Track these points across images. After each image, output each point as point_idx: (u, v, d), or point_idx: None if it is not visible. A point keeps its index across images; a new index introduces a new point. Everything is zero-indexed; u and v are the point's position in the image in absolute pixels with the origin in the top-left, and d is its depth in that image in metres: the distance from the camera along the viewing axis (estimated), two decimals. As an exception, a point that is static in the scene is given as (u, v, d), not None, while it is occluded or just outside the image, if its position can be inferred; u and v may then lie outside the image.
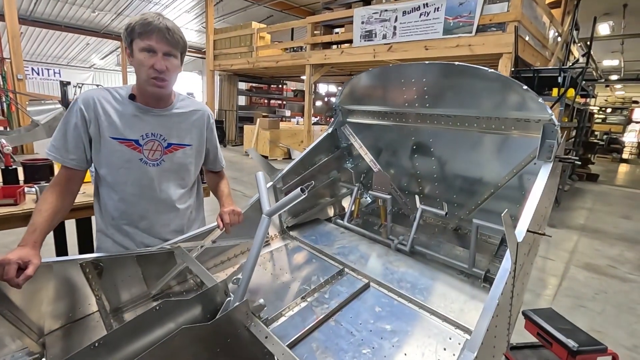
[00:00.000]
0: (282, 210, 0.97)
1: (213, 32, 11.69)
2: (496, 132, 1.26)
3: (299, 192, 0.90)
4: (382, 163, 1.84)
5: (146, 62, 1.18)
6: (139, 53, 1.17)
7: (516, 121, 1.18)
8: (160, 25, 1.17)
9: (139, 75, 1.21)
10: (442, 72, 1.32)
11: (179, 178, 1.40)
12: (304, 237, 1.68)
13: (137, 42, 1.16)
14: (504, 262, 0.85)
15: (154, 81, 1.22)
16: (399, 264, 1.38)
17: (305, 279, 1.39)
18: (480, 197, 1.46)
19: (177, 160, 1.36)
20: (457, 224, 1.59)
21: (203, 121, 1.42)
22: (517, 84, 1.09)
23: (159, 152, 1.31)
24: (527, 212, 0.93)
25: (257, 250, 0.99)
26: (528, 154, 1.23)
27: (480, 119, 1.29)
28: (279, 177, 1.67)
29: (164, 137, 1.31)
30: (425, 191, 1.68)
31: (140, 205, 1.35)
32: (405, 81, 1.45)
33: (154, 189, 1.35)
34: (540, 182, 0.99)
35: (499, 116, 1.22)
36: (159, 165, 1.33)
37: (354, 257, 1.47)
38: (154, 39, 1.18)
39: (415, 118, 1.52)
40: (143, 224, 1.39)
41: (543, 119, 1.11)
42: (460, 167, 1.50)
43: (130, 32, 1.17)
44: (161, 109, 1.30)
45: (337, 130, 1.89)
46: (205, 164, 1.53)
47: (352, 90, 1.70)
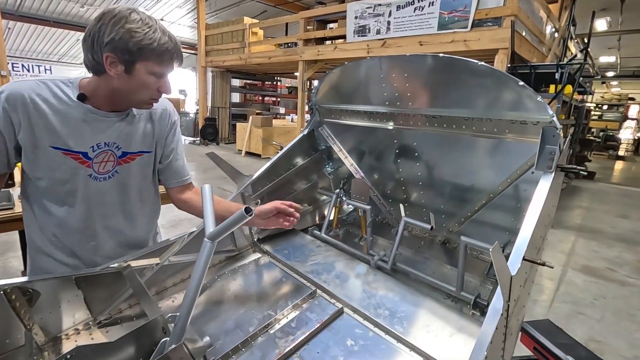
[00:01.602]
0: (226, 234, 0.80)
1: (205, 27, 11.46)
2: (488, 135, 1.09)
3: (242, 214, 0.73)
4: (364, 168, 1.67)
5: (153, 86, 1.03)
6: (146, 75, 0.99)
7: (511, 123, 1.01)
8: (179, 49, 1.02)
9: (135, 95, 1.03)
10: (425, 66, 1.15)
11: (135, 189, 1.23)
12: (276, 251, 1.51)
13: (148, 65, 0.98)
14: (494, 300, 0.68)
15: (152, 101, 1.08)
16: (378, 285, 1.21)
17: (272, 303, 1.22)
18: (471, 208, 1.29)
19: (133, 170, 1.19)
20: (446, 237, 1.42)
21: (165, 122, 1.24)
22: (512, 79, 0.92)
23: (111, 163, 1.13)
24: (523, 236, 0.76)
25: (197, 282, 0.82)
26: (525, 162, 1.06)
27: (471, 121, 1.12)
28: (247, 184, 1.49)
29: (119, 146, 1.13)
30: (410, 199, 1.52)
31: (89, 222, 1.18)
32: (384, 76, 1.27)
33: (105, 205, 1.18)
34: (538, 198, 0.83)
35: (491, 117, 1.05)
36: (111, 177, 1.15)
37: (329, 276, 1.30)
38: (173, 66, 1.03)
39: (397, 118, 1.34)
40: (93, 242, 1.22)
41: (542, 121, 0.94)
42: (448, 173, 1.33)
43: (137, 51, 0.95)
44: (118, 113, 1.11)
45: (314, 131, 1.71)
46: (165, 176, 1.29)
47: (328, 88, 1.52)
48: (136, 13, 0.95)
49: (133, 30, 0.92)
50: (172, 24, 15.58)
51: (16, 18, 13.13)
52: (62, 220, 1.15)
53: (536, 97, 0.90)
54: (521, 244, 0.74)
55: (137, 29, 0.92)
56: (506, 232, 1.22)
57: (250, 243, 1.57)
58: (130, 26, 0.92)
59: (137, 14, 0.95)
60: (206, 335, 0.98)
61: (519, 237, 0.76)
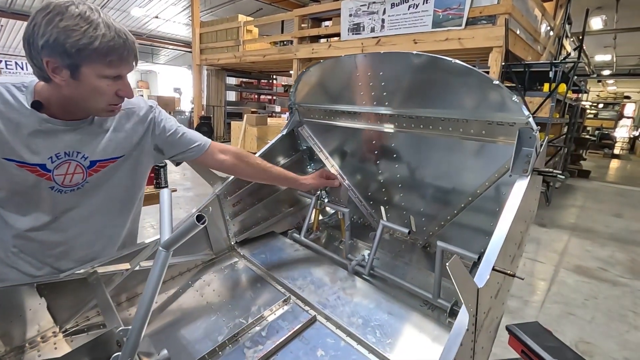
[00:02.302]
0: (181, 242, 0.75)
1: (199, 25, 11.36)
2: (465, 137, 1.04)
3: (193, 222, 0.68)
4: (346, 169, 1.63)
5: (109, 91, 0.92)
6: (97, 80, 0.88)
7: (487, 124, 0.96)
8: (131, 45, 0.90)
9: (90, 103, 0.93)
10: (400, 65, 1.10)
11: (110, 197, 1.16)
12: (253, 255, 1.47)
13: (95, 68, 0.86)
14: (459, 315, 0.64)
15: (113, 107, 0.97)
16: (353, 291, 1.17)
17: (244, 310, 1.18)
18: (451, 211, 1.25)
19: (107, 178, 1.10)
20: (426, 241, 1.38)
21: (144, 122, 1.15)
22: (487, 78, 0.88)
23: (79, 175, 1.04)
24: (494, 244, 0.72)
25: (151, 294, 0.78)
26: (502, 164, 1.02)
27: (447, 121, 1.08)
28: (223, 187, 1.45)
29: (85, 156, 1.03)
30: (392, 201, 1.47)
31: (55, 234, 1.11)
32: (360, 75, 1.23)
33: (75, 214, 1.11)
34: (512, 202, 0.78)
35: (467, 118, 1.00)
36: (80, 188, 1.07)
37: (304, 281, 1.26)
38: (126, 66, 0.92)
39: (374, 119, 1.30)
40: (60, 249, 1.16)
41: (519, 122, 0.89)
42: (428, 175, 1.29)
43: (77, 53, 0.82)
44: (79, 121, 1.00)
45: (294, 131, 1.66)
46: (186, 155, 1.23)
47: (306, 86, 1.47)
48: (75, 6, 0.82)
49: (69, 29, 0.80)
50: (166, 22, 15.47)
51: (8, 15, 12.98)
52: (24, 232, 1.08)
53: (511, 97, 0.86)
54: (491, 253, 0.70)
55: (74, 27, 0.80)
56: (485, 236, 1.17)
57: (228, 247, 1.53)
58: (66, 24, 0.80)
59: (77, 6, 0.82)
60: (167, 346, 0.93)
61: (490, 245, 0.72)
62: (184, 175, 7.19)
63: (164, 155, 1.26)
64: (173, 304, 1.28)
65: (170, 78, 22.69)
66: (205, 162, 1.28)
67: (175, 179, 6.85)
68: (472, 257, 0.96)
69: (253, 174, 1.35)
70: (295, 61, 8.22)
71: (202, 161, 1.27)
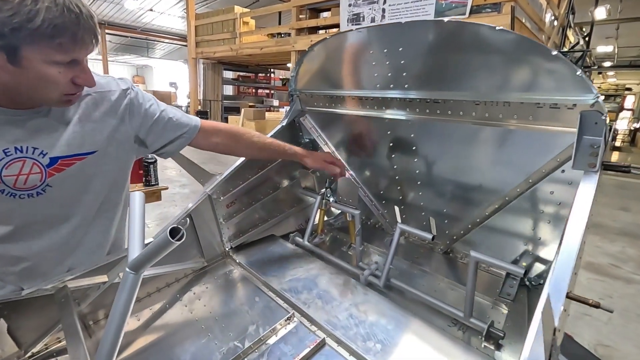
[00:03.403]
0: (152, 262, 0.58)
1: (194, 17, 11.08)
2: (505, 123, 0.87)
3: (166, 239, 0.51)
4: (354, 164, 1.45)
5: (61, 79, 0.74)
6: (44, 66, 0.71)
7: (536, 107, 0.78)
8: (86, 22, 0.71)
9: (38, 93, 0.76)
10: (425, 37, 0.92)
11: (83, 203, 0.98)
12: (251, 262, 1.29)
13: (41, 52, 0.69)
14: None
15: (70, 97, 0.80)
16: (368, 308, 1.00)
17: (240, 330, 1.00)
18: (480, 212, 1.08)
19: (76, 179, 0.92)
20: (448, 246, 1.21)
21: (118, 109, 0.96)
22: (543, 48, 0.70)
23: (37, 176, 0.86)
24: (564, 262, 0.54)
25: (117, 323, 0.60)
26: (553, 157, 0.84)
27: (482, 105, 0.89)
28: (215, 185, 1.27)
29: (43, 152, 0.86)
30: (407, 201, 1.30)
31: (15, 248, 0.94)
32: (374, 52, 1.04)
33: (35, 229, 0.94)
34: (581, 206, 0.61)
35: (510, 100, 0.83)
36: (41, 194, 0.89)
37: (310, 295, 1.08)
38: (82, 49, 0.73)
39: (391, 105, 1.11)
40: (23, 266, 0.99)
41: (581, 104, 0.72)
42: (453, 171, 1.10)
43: (13, 33, 0.65)
44: (31, 110, 0.83)
45: (295, 121, 1.48)
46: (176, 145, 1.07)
47: (308, 70, 1.29)
48: None
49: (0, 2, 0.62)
50: (161, 14, 15.16)
51: None
52: None
53: (575, 72, 0.68)
54: (562, 274, 0.53)
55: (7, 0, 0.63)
56: (523, 242, 1.01)
57: (221, 253, 1.35)
58: None
59: None
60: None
61: (558, 264, 0.54)
62: (180, 172, 6.99)
63: (148, 149, 1.08)
64: (157, 322, 1.11)
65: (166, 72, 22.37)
66: (195, 146, 1.13)
67: (171, 175, 6.65)
68: (517, 272, 0.79)
69: (250, 153, 1.23)
70: (293, 53, 8.02)
71: (192, 145, 1.12)
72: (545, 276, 1.02)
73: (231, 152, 1.18)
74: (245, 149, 1.19)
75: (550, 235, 0.94)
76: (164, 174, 6.33)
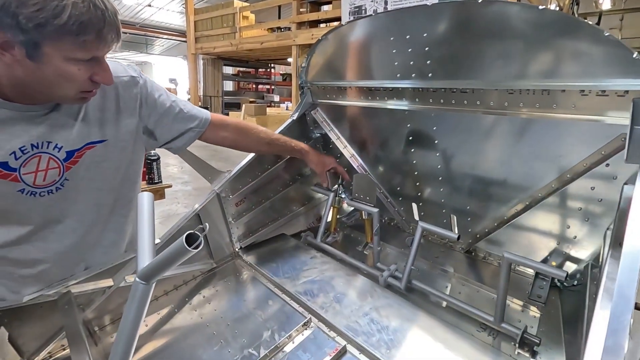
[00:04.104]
0: (163, 273, 0.52)
1: (193, 12, 10.96)
2: (542, 113, 0.80)
3: (182, 247, 0.45)
4: (368, 159, 1.38)
5: (80, 76, 0.71)
6: (64, 64, 0.67)
7: (581, 95, 0.72)
8: (112, 19, 0.68)
9: (55, 90, 0.73)
10: (454, 21, 0.85)
11: (99, 196, 0.94)
12: (262, 263, 1.24)
13: (62, 48, 0.65)
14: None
15: (86, 95, 0.76)
16: (389, 312, 0.94)
17: (254, 337, 0.95)
18: (508, 210, 1.01)
19: (86, 169, 0.89)
20: (470, 245, 1.15)
21: (127, 97, 0.92)
22: (594, 28, 0.63)
23: (55, 171, 0.83)
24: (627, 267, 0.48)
25: (127, 336, 0.54)
26: (597, 149, 0.77)
27: (516, 95, 0.83)
28: (224, 183, 1.21)
29: (58, 146, 0.82)
30: (426, 197, 1.23)
31: (33, 248, 0.90)
32: (395, 39, 0.98)
33: (52, 229, 0.90)
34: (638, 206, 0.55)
35: (549, 88, 0.76)
36: (60, 189, 0.85)
37: (327, 298, 1.03)
38: (104, 46, 0.70)
39: (411, 96, 1.05)
40: (40, 268, 0.94)
41: (635, 90, 0.65)
42: (478, 166, 1.03)
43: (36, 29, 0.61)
44: (42, 105, 0.79)
45: (306, 115, 1.42)
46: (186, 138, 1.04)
47: (320, 60, 1.22)
48: None
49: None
50: (159, 10, 15.02)
51: None
52: None
53: (631, 54, 0.61)
54: (628, 282, 0.47)
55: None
56: (555, 241, 0.94)
57: (231, 253, 1.30)
58: None
59: None
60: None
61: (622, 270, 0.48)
62: (182, 168, 6.93)
63: (157, 141, 1.03)
64: (165, 327, 1.06)
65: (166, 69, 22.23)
66: (203, 139, 1.09)
67: (173, 172, 6.59)
68: (558, 275, 0.73)
69: (256, 148, 1.21)
70: (294, 48, 7.90)
71: (201, 139, 1.09)
72: (579, 277, 0.96)
73: (238, 146, 1.15)
74: (252, 143, 1.17)
75: (588, 234, 0.87)
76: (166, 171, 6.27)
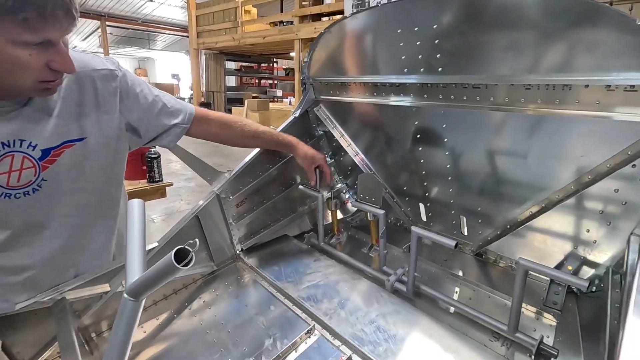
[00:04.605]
0: (153, 290, 0.47)
1: (195, 7, 10.88)
2: (560, 110, 0.74)
3: (170, 264, 0.40)
4: (374, 158, 1.33)
5: (34, 63, 0.65)
6: (9, 47, 0.61)
7: (606, 90, 0.66)
8: None
9: (9, 80, 0.67)
10: (465, 10, 0.79)
11: (81, 195, 0.90)
12: (263, 266, 1.20)
13: (7, 29, 0.59)
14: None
15: (48, 85, 0.70)
16: (397, 319, 0.90)
17: (255, 345, 0.91)
18: (523, 212, 0.95)
19: (67, 169, 0.84)
20: (480, 247, 1.10)
21: (105, 92, 0.86)
22: (622, 16, 0.58)
23: (31, 170, 0.79)
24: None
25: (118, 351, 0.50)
26: (623, 149, 0.71)
27: (534, 90, 0.77)
28: (224, 184, 1.17)
29: (32, 144, 0.78)
30: (434, 197, 1.18)
31: (16, 254, 0.86)
32: (402, 31, 0.92)
33: (35, 233, 0.86)
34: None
35: (571, 83, 0.70)
36: (38, 190, 0.81)
37: (331, 304, 0.98)
38: (55, 27, 0.63)
39: (419, 92, 0.99)
40: (26, 276, 0.90)
41: (667, 85, 0.59)
42: (491, 165, 0.98)
43: None
44: (12, 100, 0.74)
45: (309, 112, 1.36)
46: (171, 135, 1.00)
47: (324, 55, 1.17)
48: None
49: None
50: (161, 5, 14.93)
51: None
52: None
53: (667, 45, 0.56)
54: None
55: None
56: (572, 245, 0.89)
57: (232, 255, 1.26)
58: None
59: None
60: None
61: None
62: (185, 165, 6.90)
63: (142, 138, 0.98)
64: (163, 333, 1.03)
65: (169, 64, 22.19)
66: (187, 134, 1.06)
67: (176, 169, 6.57)
68: (579, 285, 0.68)
69: (241, 142, 1.16)
70: (296, 42, 7.82)
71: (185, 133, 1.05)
72: (597, 283, 0.91)
73: (222, 140, 1.12)
74: (236, 137, 1.13)
75: (609, 238, 0.82)
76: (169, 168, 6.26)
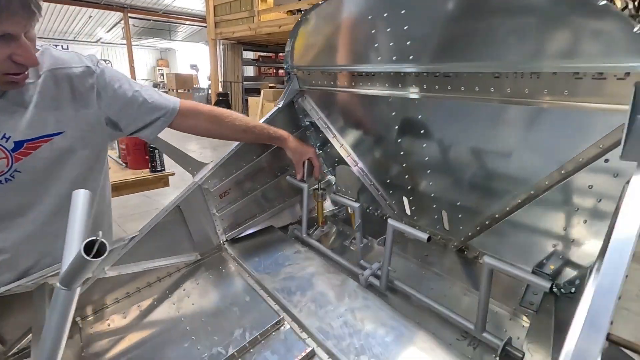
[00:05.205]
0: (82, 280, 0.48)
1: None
2: (531, 101, 0.69)
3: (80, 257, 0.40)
4: (359, 149, 1.30)
5: None
6: None
7: (574, 78, 0.61)
8: None
9: None
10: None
11: (57, 189, 0.92)
12: (245, 257, 1.21)
13: None
14: None
15: (13, 78, 0.72)
16: (365, 314, 0.89)
17: (225, 334, 0.92)
18: (500, 207, 0.91)
19: (44, 163, 0.87)
20: (463, 243, 1.06)
21: (82, 88, 0.88)
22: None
23: (3, 161, 0.82)
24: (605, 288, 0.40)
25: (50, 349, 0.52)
26: (594, 142, 0.66)
27: (504, 78, 0.72)
28: (206, 174, 1.17)
29: (5, 135, 0.81)
30: (417, 190, 1.15)
31: None
32: (373, 19, 0.88)
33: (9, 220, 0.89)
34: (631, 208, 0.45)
35: (539, 70, 0.65)
36: (10, 180, 0.84)
37: (303, 297, 0.98)
38: (11, 19, 0.64)
39: (394, 81, 0.95)
40: (1, 258, 0.95)
41: (636, 72, 0.54)
42: (468, 158, 0.94)
43: None
44: None
45: (294, 103, 1.34)
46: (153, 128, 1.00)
47: (305, 43, 1.14)
48: None
49: None
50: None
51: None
52: None
53: (632, 28, 0.50)
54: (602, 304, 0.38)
55: None
56: (552, 243, 0.85)
57: (217, 245, 1.27)
58: None
59: None
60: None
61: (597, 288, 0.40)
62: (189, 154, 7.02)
63: (122, 132, 1.00)
64: (143, 320, 1.05)
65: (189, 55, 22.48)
66: (175, 128, 1.05)
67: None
68: (541, 285, 0.64)
69: (232, 136, 1.15)
70: (312, 30, 7.71)
71: (172, 127, 1.05)
72: (577, 283, 0.86)
73: (212, 134, 1.12)
74: (227, 131, 1.12)
75: (586, 236, 0.77)
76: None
